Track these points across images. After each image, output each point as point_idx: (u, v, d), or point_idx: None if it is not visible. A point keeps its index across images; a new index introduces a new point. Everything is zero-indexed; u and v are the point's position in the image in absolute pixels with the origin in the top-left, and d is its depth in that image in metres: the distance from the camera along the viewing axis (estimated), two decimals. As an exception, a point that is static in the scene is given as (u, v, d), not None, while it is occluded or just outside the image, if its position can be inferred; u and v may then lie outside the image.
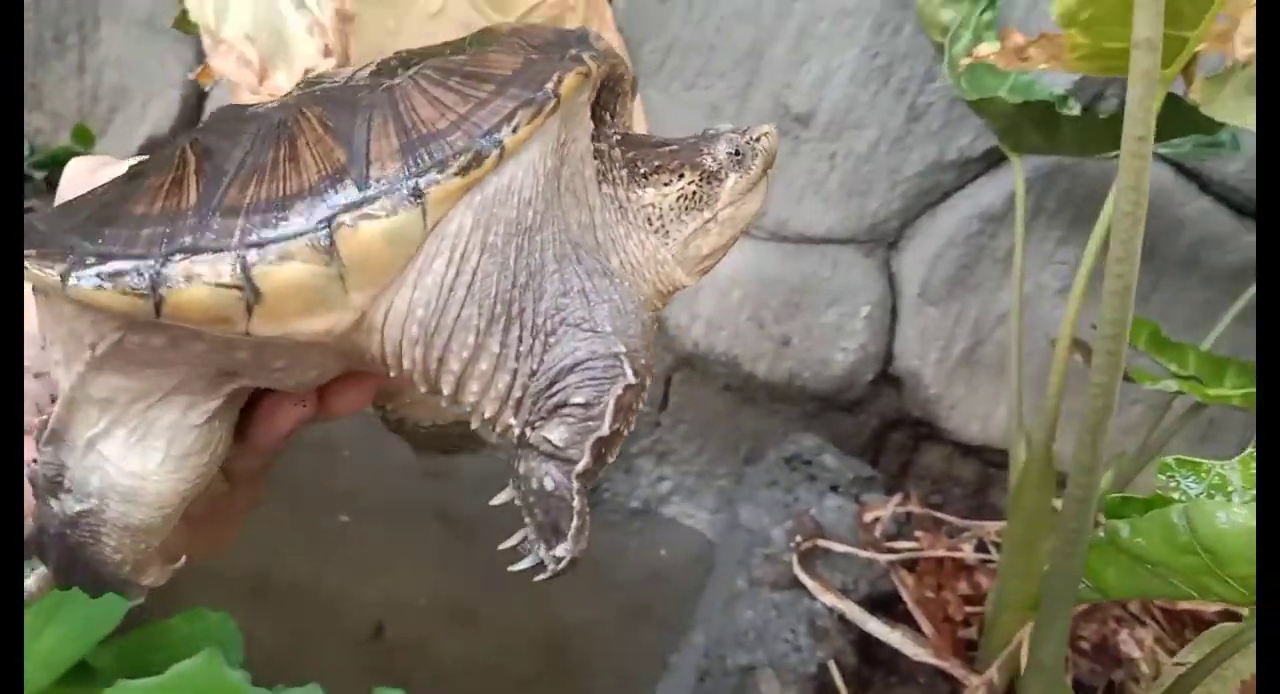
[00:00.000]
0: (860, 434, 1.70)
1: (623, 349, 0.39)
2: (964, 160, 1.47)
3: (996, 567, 1.36)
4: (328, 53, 0.66)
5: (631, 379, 0.39)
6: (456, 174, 0.37)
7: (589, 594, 1.65)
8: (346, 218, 0.36)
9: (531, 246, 0.40)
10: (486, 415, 0.41)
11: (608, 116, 0.47)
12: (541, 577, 0.40)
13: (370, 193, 0.36)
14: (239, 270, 0.36)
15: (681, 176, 0.44)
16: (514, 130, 0.38)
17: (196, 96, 1.86)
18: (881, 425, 1.70)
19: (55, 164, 1.92)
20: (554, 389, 0.39)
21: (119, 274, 0.36)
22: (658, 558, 1.75)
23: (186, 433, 0.42)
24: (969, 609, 1.37)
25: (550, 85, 0.39)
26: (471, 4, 0.94)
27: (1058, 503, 1.22)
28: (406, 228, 0.37)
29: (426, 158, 0.37)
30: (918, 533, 1.45)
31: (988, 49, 1.01)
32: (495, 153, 0.37)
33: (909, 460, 1.72)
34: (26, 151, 1.92)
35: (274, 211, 0.36)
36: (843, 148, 1.50)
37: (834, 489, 1.57)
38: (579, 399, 0.39)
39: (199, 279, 0.35)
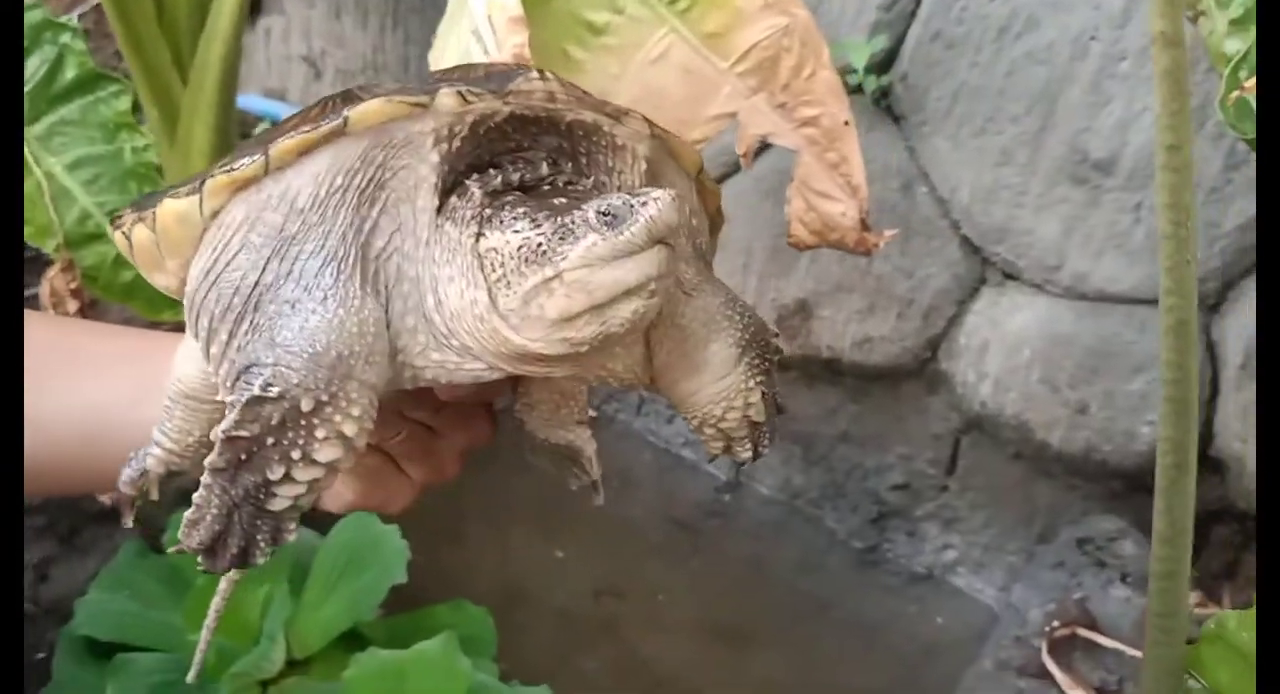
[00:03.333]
0: (1172, 522, 1.49)
1: (271, 362, 0.40)
2: (1297, 213, 1.26)
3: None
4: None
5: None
6: (224, 172, 0.43)
7: (859, 657, 1.60)
8: (169, 196, 0.45)
9: (289, 254, 0.42)
10: (220, 397, 0.42)
11: (548, 161, 0.45)
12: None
13: (185, 181, 0.45)
14: (151, 214, 0.46)
15: (536, 226, 0.40)
16: (283, 143, 0.42)
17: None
18: (1202, 515, 1.48)
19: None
20: (234, 387, 0.41)
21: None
22: (934, 628, 1.66)
23: None
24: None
25: (346, 111, 0.42)
26: (693, 48, 0.99)
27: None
28: (188, 211, 0.44)
29: (230, 160, 0.44)
30: (1212, 640, 1.24)
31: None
32: (261, 159, 0.42)
33: (1236, 559, 1.48)
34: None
35: (185, 185, 0.45)
36: (1149, 198, 1.35)
37: (1124, 578, 1.39)
38: (232, 398, 0.40)
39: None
